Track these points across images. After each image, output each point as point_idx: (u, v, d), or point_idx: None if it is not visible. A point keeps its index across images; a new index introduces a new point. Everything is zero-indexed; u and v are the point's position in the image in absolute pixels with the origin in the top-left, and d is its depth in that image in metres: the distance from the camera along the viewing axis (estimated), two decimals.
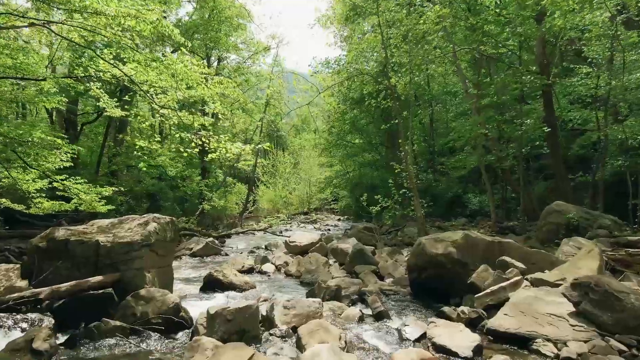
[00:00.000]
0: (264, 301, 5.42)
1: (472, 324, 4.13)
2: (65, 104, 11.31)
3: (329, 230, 16.53)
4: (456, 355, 3.29)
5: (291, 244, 9.60)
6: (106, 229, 5.61)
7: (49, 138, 6.36)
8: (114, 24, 4.75)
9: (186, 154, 6.93)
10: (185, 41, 5.17)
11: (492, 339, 3.68)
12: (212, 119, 6.26)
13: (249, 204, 22.70)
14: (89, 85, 6.78)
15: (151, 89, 6.09)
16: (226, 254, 10.20)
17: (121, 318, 3.95)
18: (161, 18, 4.60)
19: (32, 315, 4.38)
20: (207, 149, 5.93)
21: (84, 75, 6.52)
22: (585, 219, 8.27)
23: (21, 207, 7.72)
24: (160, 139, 11.96)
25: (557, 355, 3.20)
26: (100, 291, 4.76)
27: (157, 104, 5.74)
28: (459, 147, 15.48)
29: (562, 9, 8.19)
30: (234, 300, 5.70)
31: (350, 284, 6.07)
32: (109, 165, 14.11)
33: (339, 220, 22.12)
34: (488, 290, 4.46)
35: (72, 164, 7.68)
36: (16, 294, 4.40)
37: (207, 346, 3.03)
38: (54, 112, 14.51)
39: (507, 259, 4.98)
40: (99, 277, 4.84)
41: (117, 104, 7.48)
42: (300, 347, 3.37)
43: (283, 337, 3.67)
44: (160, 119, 6.31)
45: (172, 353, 3.51)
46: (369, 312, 4.68)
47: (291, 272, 7.57)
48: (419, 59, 10.62)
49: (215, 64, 20.47)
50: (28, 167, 6.66)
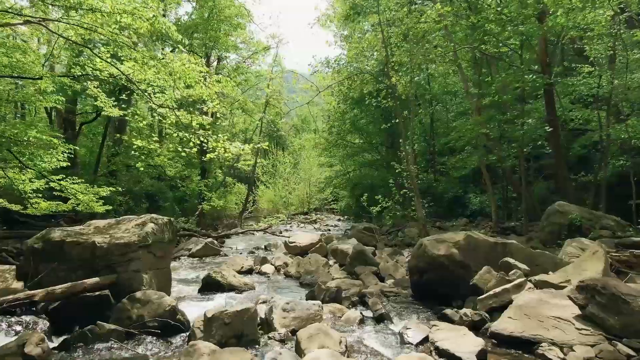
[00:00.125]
0: (262, 303, 5.34)
1: (475, 327, 4.06)
2: (64, 103, 11.22)
3: (329, 230, 16.45)
4: None
5: (291, 244, 9.53)
6: (103, 230, 5.55)
7: (44, 137, 6.27)
8: (111, 21, 4.68)
9: (184, 154, 6.85)
10: (183, 38, 5.10)
11: (495, 342, 3.60)
12: (210, 119, 6.17)
13: (249, 204, 22.61)
14: (86, 84, 6.70)
15: (149, 88, 6.01)
16: (225, 255, 10.12)
17: (116, 321, 3.86)
18: (158, 15, 4.52)
19: (27, 318, 4.31)
20: (205, 148, 5.84)
21: (81, 74, 6.44)
22: (588, 219, 8.18)
23: (18, 208, 7.62)
24: (158, 138, 11.86)
25: None
26: (97, 293, 4.70)
27: (154, 103, 5.66)
28: (459, 147, 15.38)
29: (565, 6, 8.11)
30: (232, 302, 5.64)
31: (350, 285, 6.01)
32: (108, 165, 14.00)
33: (339, 220, 22.04)
34: (491, 293, 4.39)
35: (69, 163, 7.58)
36: (10, 296, 4.33)
37: (204, 351, 2.95)
38: (53, 112, 14.40)
39: (510, 260, 4.90)
40: (95, 279, 4.77)
41: (115, 103, 7.41)
42: (299, 352, 3.28)
43: (282, 341, 3.58)
44: (158, 118, 6.22)
45: (167, 358, 3.43)
46: (370, 314, 4.60)
47: (291, 273, 7.50)
48: (419, 58, 10.53)
49: (215, 63, 20.38)
50: (24, 167, 6.57)
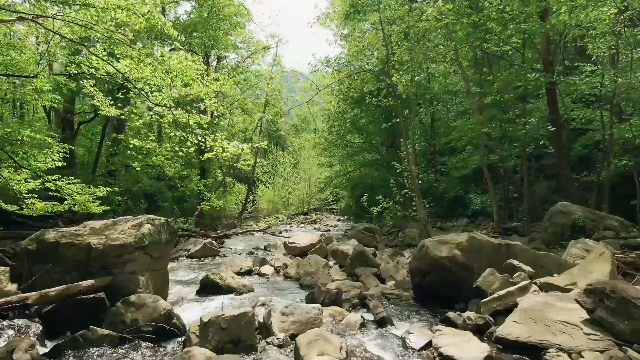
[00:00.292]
0: (261, 305, 5.23)
1: (479, 331, 3.95)
2: (61, 102, 11.13)
3: (329, 230, 16.34)
4: None
5: (290, 245, 9.42)
6: (99, 231, 5.44)
7: (38, 136, 6.16)
8: (106, 18, 4.57)
9: (182, 153, 6.75)
10: (179, 35, 4.99)
11: (500, 347, 3.49)
12: (208, 118, 6.06)
13: (248, 204, 22.50)
14: (82, 82, 6.60)
15: (146, 87, 5.91)
16: (224, 256, 10.02)
17: (110, 326, 3.75)
18: (153, 10, 4.41)
19: (19, 322, 4.20)
20: (203, 148, 5.74)
21: (76, 72, 6.32)
22: (591, 219, 8.08)
23: (14, 208, 7.52)
24: (155, 138, 11.75)
25: None
26: (92, 296, 4.61)
27: (151, 102, 5.55)
28: (460, 147, 15.27)
29: (568, 4, 8.00)
30: (230, 304, 5.54)
31: (351, 287, 5.92)
32: (107, 165, 13.89)
33: (338, 220, 21.93)
34: (495, 295, 4.28)
35: (64, 163, 7.48)
36: (3, 299, 4.22)
37: (199, 358, 2.84)
38: (51, 112, 14.29)
39: (514, 262, 4.80)
40: (90, 281, 4.68)
41: (112, 102, 7.30)
42: (298, 358, 3.17)
43: (281, 346, 3.47)
44: (155, 116, 6.12)
45: None
46: (371, 317, 4.49)
47: (290, 275, 7.40)
48: (420, 57, 10.42)
49: (215, 63, 20.27)
50: (19, 167, 6.46)
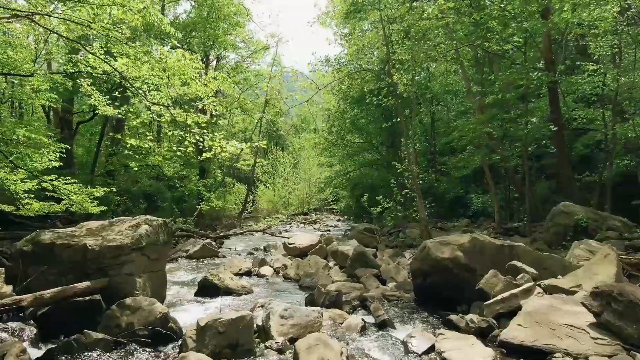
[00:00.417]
0: (260, 307, 5.16)
1: (482, 334, 3.87)
2: (59, 102, 11.06)
3: (329, 231, 16.25)
4: None
5: (290, 245, 9.33)
6: (95, 232, 5.35)
7: (33, 136, 6.07)
8: (102, 15, 4.49)
9: (179, 153, 6.66)
10: (176, 32, 4.91)
11: (505, 352, 3.40)
12: (207, 117, 5.98)
13: (248, 204, 22.43)
14: (79, 81, 6.51)
15: (144, 86, 5.83)
16: (224, 256, 9.94)
17: (105, 329, 3.66)
18: (149, 6, 4.33)
19: (13, 325, 4.14)
20: (201, 147, 5.66)
21: (73, 71, 6.24)
22: (594, 220, 8.00)
23: (11, 209, 7.44)
24: (152, 137, 11.65)
25: None
26: (87, 298, 4.52)
27: (148, 101, 5.47)
28: (460, 147, 15.18)
29: (570, 2, 7.91)
30: (229, 305, 5.46)
31: (351, 288, 5.84)
32: (106, 165, 13.81)
33: (338, 220, 21.85)
34: (498, 298, 4.20)
35: (61, 163, 7.40)
36: None
37: None
38: (51, 111, 14.21)
39: (518, 263, 4.71)
40: (86, 283, 4.59)
41: (110, 101, 7.22)
42: None
43: (280, 351, 3.38)
44: (152, 115, 6.04)
45: None
46: (372, 320, 4.41)
47: (290, 276, 7.32)
48: (421, 55, 10.34)
49: (214, 62, 20.19)
50: (15, 167, 6.38)
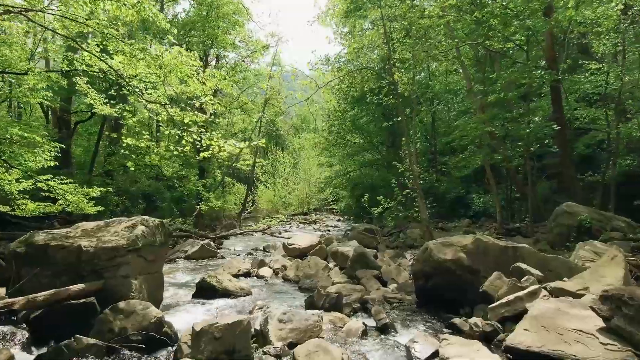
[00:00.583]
0: (259, 309, 5.06)
1: (487, 338, 3.77)
2: (57, 101, 10.93)
3: (329, 231, 16.14)
4: None
5: (290, 246, 9.23)
6: (91, 233, 5.25)
7: (27, 135, 5.96)
8: (97, 11, 4.39)
9: (177, 152, 6.56)
10: (171, 27, 4.80)
11: (511, 357, 3.29)
12: (205, 116, 5.87)
13: (248, 204, 22.32)
14: (75, 80, 6.41)
15: (140, 84, 5.72)
16: (222, 257, 9.84)
17: (97, 334, 3.55)
18: (144, 1, 4.22)
19: (5, 328, 4.05)
20: (198, 147, 5.56)
21: (69, 69, 6.13)
22: (598, 220, 7.89)
23: (6, 209, 7.34)
24: (150, 137, 11.54)
25: None
26: (82, 301, 4.41)
27: (145, 100, 5.36)
28: (461, 147, 15.06)
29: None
30: (227, 307, 5.36)
31: (351, 290, 5.74)
32: (104, 165, 13.69)
33: (338, 220, 21.75)
34: (503, 301, 4.09)
35: (56, 163, 7.30)
36: None
37: None
38: (49, 111, 14.11)
39: (523, 265, 4.61)
40: (81, 285, 4.48)
41: (107, 100, 7.11)
42: None
43: (278, 357, 3.27)
44: (149, 114, 5.93)
45: None
46: (373, 323, 4.30)
47: (289, 277, 7.21)
48: (422, 54, 10.23)
49: (214, 62, 20.08)
50: (10, 167, 6.27)
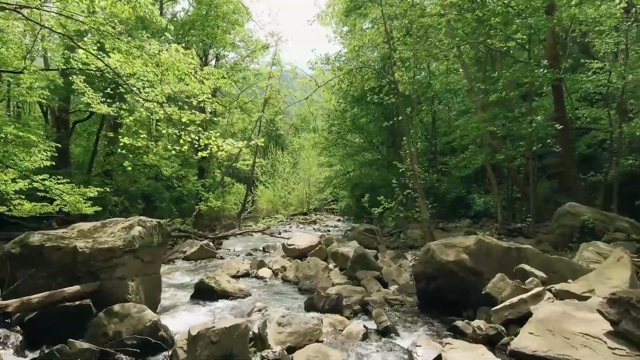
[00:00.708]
0: (258, 311, 4.99)
1: (491, 342, 3.69)
2: (55, 100, 10.84)
3: (329, 231, 16.05)
4: None
5: (289, 247, 9.14)
6: (87, 234, 5.17)
7: (21, 134, 5.88)
8: (92, 8, 4.31)
9: (174, 152, 6.48)
10: (168, 24, 4.72)
11: None
12: (203, 115, 5.78)
13: (248, 204, 22.24)
14: (72, 78, 6.33)
15: (138, 83, 5.64)
16: (222, 257, 9.75)
17: (91, 338, 3.46)
18: None
19: None
20: (197, 146, 5.48)
21: (65, 68, 6.05)
22: (601, 221, 7.80)
23: (2, 209, 7.25)
24: (148, 135, 11.43)
25: None
26: (77, 303, 4.34)
27: (142, 98, 5.28)
28: (462, 146, 14.98)
29: None
30: (226, 309, 5.28)
31: (352, 292, 5.66)
32: (103, 165, 13.60)
33: (338, 220, 21.65)
34: (507, 303, 4.01)
35: (53, 162, 7.21)
36: None
37: None
38: (48, 111, 14.03)
39: (526, 267, 4.52)
40: (76, 287, 4.41)
41: (104, 99, 7.02)
42: None
43: None
44: (146, 113, 5.85)
45: None
46: (374, 326, 4.21)
47: (289, 278, 7.13)
48: (422, 53, 10.14)
49: (213, 62, 19.99)
50: (6, 167, 6.19)
